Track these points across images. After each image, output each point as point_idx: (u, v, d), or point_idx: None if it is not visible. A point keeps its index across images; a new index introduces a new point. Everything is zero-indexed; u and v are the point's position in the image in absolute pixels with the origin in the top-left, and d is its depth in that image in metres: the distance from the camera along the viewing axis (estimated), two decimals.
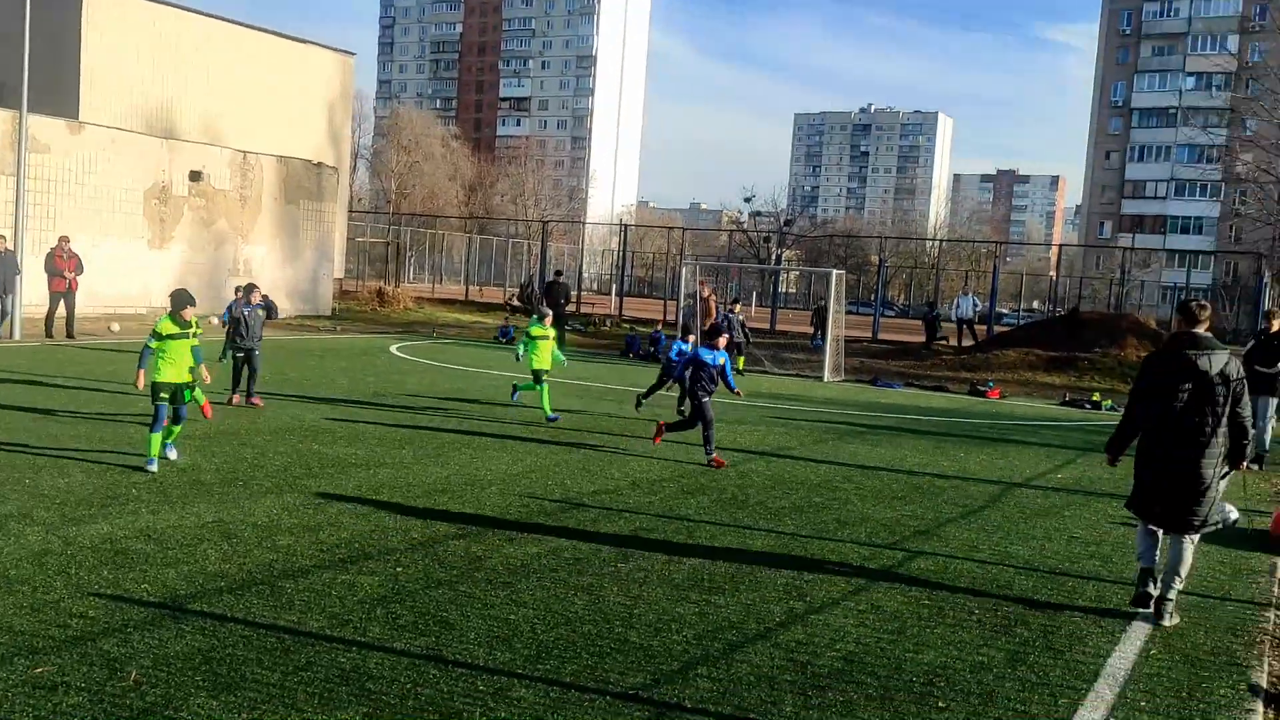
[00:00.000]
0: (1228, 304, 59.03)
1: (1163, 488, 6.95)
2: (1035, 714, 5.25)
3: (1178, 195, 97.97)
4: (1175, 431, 6.90)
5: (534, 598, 6.58)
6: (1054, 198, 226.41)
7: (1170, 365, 6.97)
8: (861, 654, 5.96)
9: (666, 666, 5.57)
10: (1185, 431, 6.88)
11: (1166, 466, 6.95)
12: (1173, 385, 6.91)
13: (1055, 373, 27.00)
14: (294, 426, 12.52)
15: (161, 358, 9.65)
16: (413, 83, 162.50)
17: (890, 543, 8.68)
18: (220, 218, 30.66)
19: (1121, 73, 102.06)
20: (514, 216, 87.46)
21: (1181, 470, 6.88)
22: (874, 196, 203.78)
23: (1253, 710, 5.51)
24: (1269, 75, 43.04)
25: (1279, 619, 7.27)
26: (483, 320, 37.32)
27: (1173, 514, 6.94)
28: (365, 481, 9.69)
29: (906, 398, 21.73)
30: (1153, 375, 7.10)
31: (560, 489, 9.94)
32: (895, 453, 13.69)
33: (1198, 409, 6.85)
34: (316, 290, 34.27)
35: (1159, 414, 6.97)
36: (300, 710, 4.75)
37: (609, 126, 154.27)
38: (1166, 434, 6.95)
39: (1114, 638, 6.52)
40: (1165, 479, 6.94)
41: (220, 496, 8.73)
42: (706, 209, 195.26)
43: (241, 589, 6.40)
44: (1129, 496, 7.27)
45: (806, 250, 79.68)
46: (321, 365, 19.85)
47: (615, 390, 19.01)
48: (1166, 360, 7.03)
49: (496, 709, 4.89)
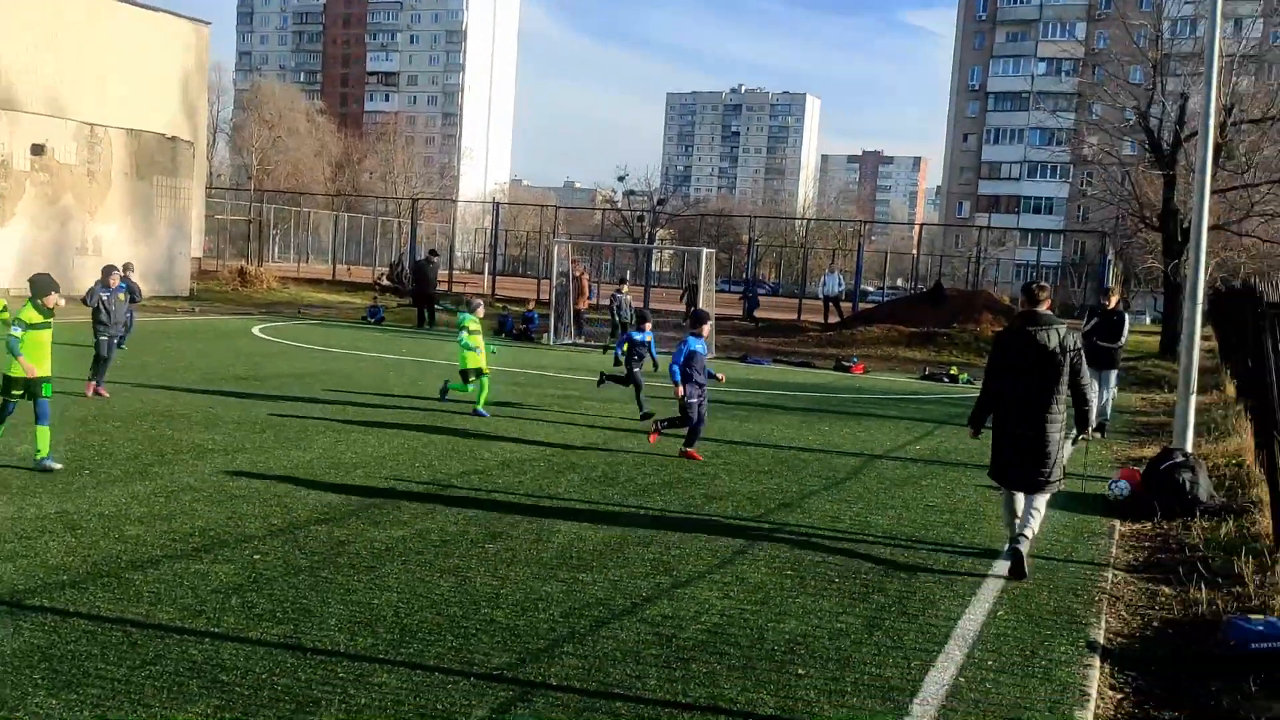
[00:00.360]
0: (1075, 281, 62.05)
1: (1015, 454, 7.54)
2: (889, 676, 5.44)
3: (1030, 176, 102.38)
4: (1023, 402, 7.49)
5: (399, 581, 6.47)
6: (916, 178, 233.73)
7: (1016, 342, 7.59)
8: (725, 625, 6.06)
9: (532, 645, 5.56)
10: (1031, 401, 7.46)
11: (1016, 434, 7.52)
12: (1018, 359, 7.53)
13: (916, 348, 27.96)
14: (146, 412, 11.99)
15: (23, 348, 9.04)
16: (274, 54, 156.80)
17: (756, 516, 8.85)
18: (66, 194, 29.07)
19: (978, 57, 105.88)
20: (383, 194, 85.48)
21: (1029, 436, 7.46)
22: (745, 176, 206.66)
23: (1090, 665, 5.82)
24: (1112, 61, 45.36)
25: (1117, 578, 7.70)
26: (351, 300, 36.43)
27: (1025, 477, 7.54)
28: (222, 468, 9.35)
29: (775, 374, 22.17)
30: (1002, 351, 7.74)
31: (428, 471, 9.79)
32: (762, 428, 13.96)
33: (1041, 380, 7.44)
34: (173, 270, 32.86)
35: (1009, 386, 7.57)
36: (147, 706, 4.56)
37: (480, 103, 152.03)
38: (1015, 404, 7.54)
39: (964, 600, 6.80)
40: (1017, 445, 7.52)
41: (64, 486, 8.30)
42: (581, 187, 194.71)
43: (85, 582, 6.10)
44: (989, 467, 7.84)
45: (680, 229, 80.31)
46: (178, 348, 19.07)
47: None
48: (1013, 337, 7.67)
49: (356, 696, 4.79)
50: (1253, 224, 29.85)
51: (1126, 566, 8.06)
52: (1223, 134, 27.30)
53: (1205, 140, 11.62)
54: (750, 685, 5.22)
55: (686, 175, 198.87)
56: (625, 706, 4.87)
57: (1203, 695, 5.48)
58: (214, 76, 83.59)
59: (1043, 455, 7.44)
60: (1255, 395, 8.32)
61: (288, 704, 4.66)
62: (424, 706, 4.72)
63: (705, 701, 4.99)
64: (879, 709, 5.03)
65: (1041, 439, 7.42)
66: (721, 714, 4.86)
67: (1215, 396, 19.52)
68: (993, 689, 5.35)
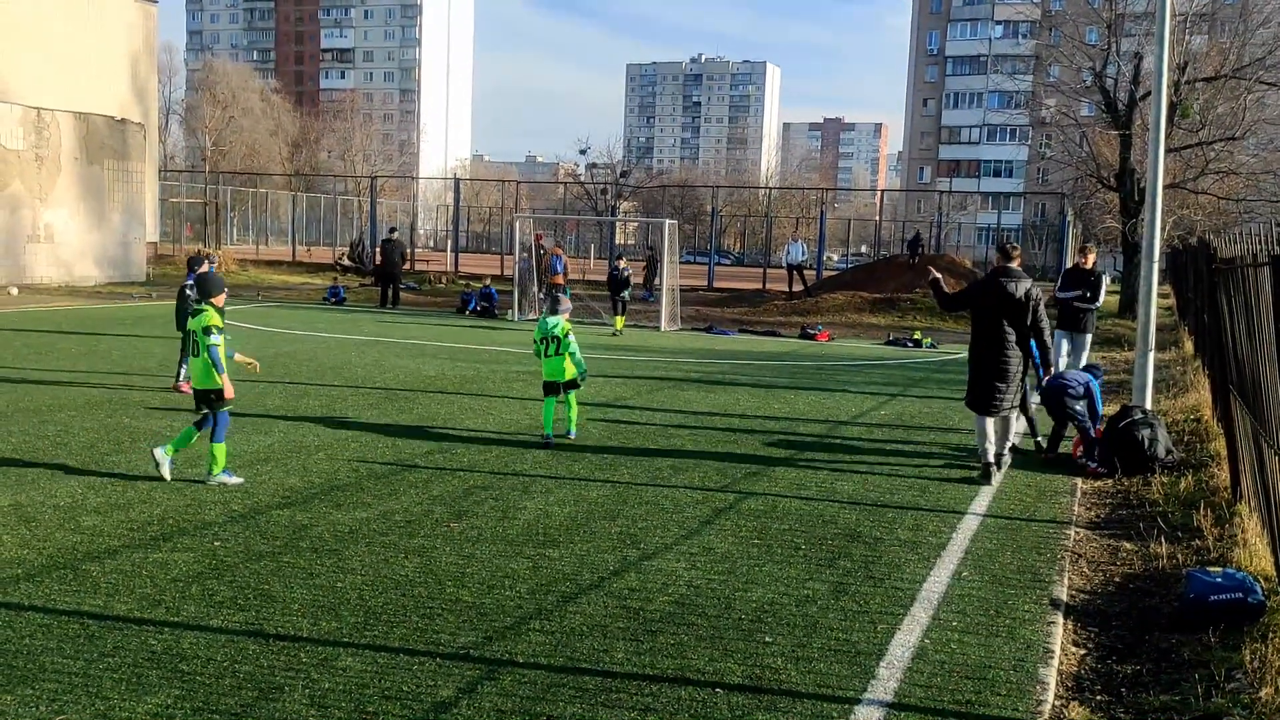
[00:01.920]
0: (1036, 242, 62.55)
1: (983, 382, 9.34)
2: (856, 641, 5.46)
3: (989, 140, 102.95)
4: (990, 339, 9.36)
5: (363, 563, 6.41)
6: (878, 145, 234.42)
7: (989, 289, 9.42)
8: (693, 596, 6.06)
9: (499, 623, 5.53)
10: (996, 338, 9.32)
11: (983, 365, 9.37)
12: (989, 303, 9.35)
13: (880, 314, 28.10)
14: (101, 401, 11.79)
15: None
16: (226, 33, 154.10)
17: (722, 486, 8.85)
18: (14, 180, 28.47)
19: (936, 22, 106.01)
20: (342, 173, 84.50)
21: (994, 366, 9.30)
22: (707, 146, 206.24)
23: (1054, 622, 5.88)
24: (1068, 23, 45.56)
25: (1079, 536, 7.79)
26: (311, 281, 36.05)
27: (989, 401, 9.32)
28: (183, 455, 9.19)
29: (740, 344, 22.19)
30: (973, 294, 9.75)
31: (391, 451, 9.71)
32: (729, 398, 13.97)
33: (1007, 322, 9.25)
34: (128, 255, 32.34)
35: (980, 327, 9.47)
36: (106, 698, 4.49)
37: (438, 78, 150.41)
38: (983, 341, 9.44)
39: (929, 563, 6.84)
40: (985, 375, 9.34)
41: (18, 478, 8.14)
42: (542, 161, 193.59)
43: (40, 575, 5.99)
44: (965, 396, 9.64)
45: (643, 201, 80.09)
46: (134, 335, 18.76)
47: (450, 348, 18.71)
48: (986, 284, 9.55)
49: (320, 680, 4.74)
50: (1208, 181, 30.18)
51: (1088, 524, 8.15)
52: (1176, 92, 27.51)
53: (1159, 99, 11.68)
54: (718, 655, 5.22)
55: (649, 147, 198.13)
56: (593, 681, 4.86)
57: (1164, 648, 5.55)
58: (164, 57, 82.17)
59: (1004, 383, 9.27)
60: (1211, 351, 8.44)
61: (250, 691, 4.61)
62: (389, 689, 4.68)
63: (673, 673, 4.98)
64: (846, 673, 5.05)
65: (1004, 369, 9.26)
66: (690, 685, 4.86)
67: (1173, 354, 19.78)
68: (958, 650, 5.39)
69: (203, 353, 8.18)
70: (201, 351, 8.19)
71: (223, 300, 8.58)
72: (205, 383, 8.24)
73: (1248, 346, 7.26)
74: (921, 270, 31.69)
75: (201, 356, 8.18)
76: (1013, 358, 9.29)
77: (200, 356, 8.19)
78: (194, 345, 8.28)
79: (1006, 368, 9.25)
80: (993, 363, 9.27)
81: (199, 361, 8.21)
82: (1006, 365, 9.25)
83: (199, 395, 8.34)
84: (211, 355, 8.13)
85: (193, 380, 8.44)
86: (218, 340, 8.16)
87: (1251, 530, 7.07)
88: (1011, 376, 9.30)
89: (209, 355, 8.14)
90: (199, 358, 8.20)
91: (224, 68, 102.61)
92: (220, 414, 8.24)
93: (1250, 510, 7.49)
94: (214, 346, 8.13)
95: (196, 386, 8.36)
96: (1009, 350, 9.26)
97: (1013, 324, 9.22)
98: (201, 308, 8.33)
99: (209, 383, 8.21)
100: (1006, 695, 4.88)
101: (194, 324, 8.29)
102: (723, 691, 4.80)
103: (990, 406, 9.31)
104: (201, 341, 8.17)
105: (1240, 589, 5.74)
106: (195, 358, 8.26)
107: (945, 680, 5.02)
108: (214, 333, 8.16)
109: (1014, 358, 9.31)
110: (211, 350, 8.13)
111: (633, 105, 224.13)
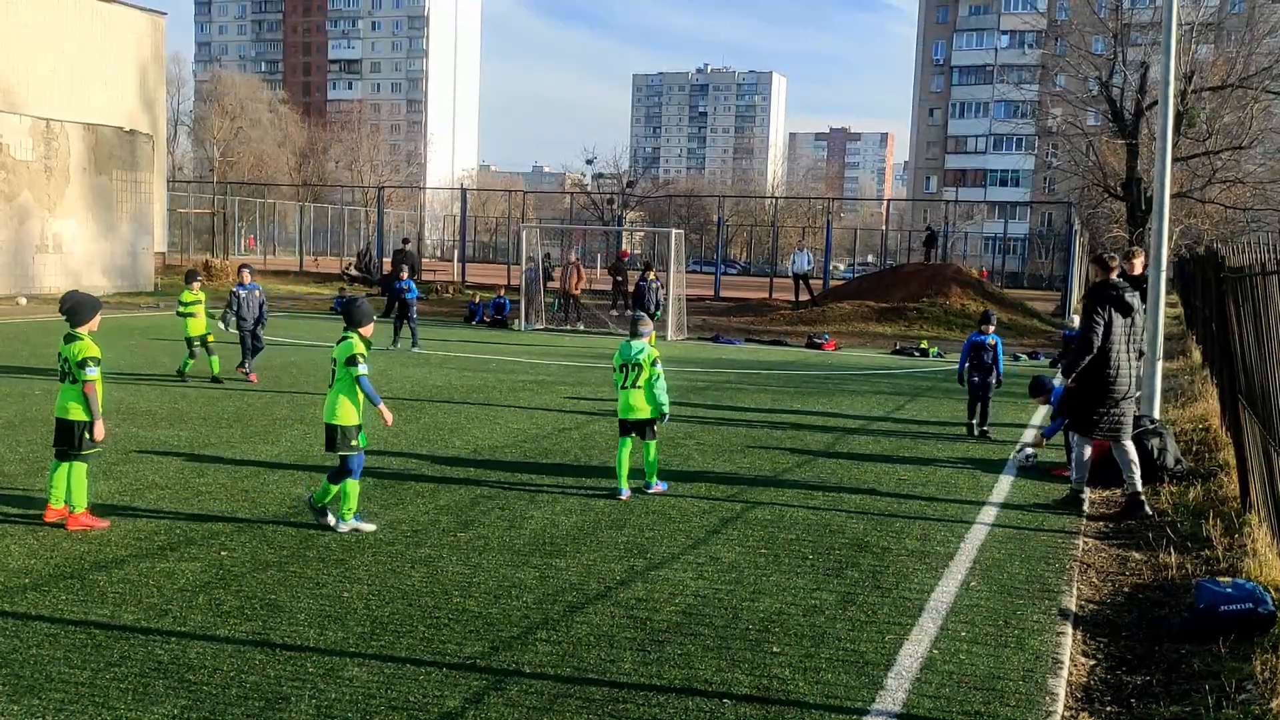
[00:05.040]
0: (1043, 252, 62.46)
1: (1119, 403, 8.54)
2: (864, 651, 5.44)
3: (996, 150, 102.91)
4: (1123, 357, 8.55)
5: (369, 573, 6.40)
6: (884, 154, 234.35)
7: (1119, 305, 8.54)
8: (700, 606, 6.04)
9: (505, 633, 5.51)
10: (1126, 355, 8.57)
11: (1119, 384, 8.52)
12: (1120, 322, 8.56)
13: (886, 323, 28.06)
14: (110, 410, 11.76)
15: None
16: (234, 44, 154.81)
17: (729, 495, 8.83)
18: (24, 190, 28.58)
19: (941, 31, 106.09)
20: (349, 183, 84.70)
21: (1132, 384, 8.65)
22: (714, 156, 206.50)
23: (1063, 633, 5.85)
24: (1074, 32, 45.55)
25: (1087, 545, 7.75)
26: (318, 291, 36.13)
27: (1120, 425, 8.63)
28: (188, 464, 9.23)
29: (747, 353, 22.17)
30: (1108, 324, 8.53)
31: (398, 461, 9.71)
32: (735, 408, 13.95)
33: (1132, 334, 8.66)
34: (136, 265, 32.45)
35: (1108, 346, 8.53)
36: (112, 708, 4.48)
37: (445, 88, 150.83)
38: (1114, 359, 8.50)
39: (937, 573, 6.81)
40: (1123, 396, 8.54)
41: (25, 488, 8.16)
42: (549, 171, 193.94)
43: (48, 585, 5.99)
44: (1072, 419, 8.91)
45: (649, 211, 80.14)
46: (143, 344, 18.81)
47: (457, 358, 18.72)
48: (1116, 304, 8.53)
49: (327, 690, 4.73)
50: (1214, 190, 30.13)
51: (1097, 534, 8.12)
52: (1183, 102, 27.48)
53: (1166, 108, 11.66)
54: (725, 665, 5.20)
55: (655, 156, 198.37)
56: (600, 691, 4.84)
57: (1174, 659, 5.52)
58: (172, 68, 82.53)
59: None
60: (1220, 360, 8.41)
61: (256, 701, 4.60)
62: (395, 699, 4.67)
63: (681, 683, 4.96)
64: (854, 683, 5.02)
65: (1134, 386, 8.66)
66: (697, 695, 4.84)
67: (1182, 363, 19.72)
68: (966, 660, 5.36)
69: (339, 384, 7.31)
70: (338, 382, 7.32)
71: (371, 330, 7.60)
72: (341, 418, 7.26)
73: (1257, 355, 7.23)
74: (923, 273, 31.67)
75: (335, 389, 7.35)
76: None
77: (335, 388, 7.35)
78: (332, 374, 7.43)
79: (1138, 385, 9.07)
80: (1130, 380, 8.66)
81: (334, 394, 7.35)
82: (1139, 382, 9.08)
83: (330, 431, 7.33)
84: (364, 386, 7.26)
85: (327, 414, 7.35)
86: (366, 370, 7.31)
87: (1261, 540, 7.04)
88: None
89: (361, 386, 7.26)
90: (334, 389, 7.36)
91: (232, 79, 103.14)
92: (354, 456, 7.31)
93: (1260, 520, 7.45)
94: (364, 377, 7.26)
95: (330, 420, 7.30)
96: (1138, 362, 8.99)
97: (1136, 334, 8.84)
98: (346, 335, 7.42)
99: (345, 418, 7.26)
100: (1016, 706, 4.85)
101: (338, 352, 7.38)
102: (730, 702, 4.78)
103: (1124, 429, 8.68)
104: (347, 372, 7.26)
105: (1251, 599, 5.70)
106: (331, 389, 7.40)
107: (954, 691, 4.99)
108: (361, 362, 7.29)
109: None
110: (363, 381, 7.26)
111: (639, 115, 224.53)
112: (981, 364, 12.14)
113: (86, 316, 7.36)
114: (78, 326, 7.29)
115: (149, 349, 18.19)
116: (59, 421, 7.26)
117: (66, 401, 7.22)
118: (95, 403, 7.18)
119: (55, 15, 35.55)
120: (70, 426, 7.21)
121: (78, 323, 7.30)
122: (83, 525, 7.11)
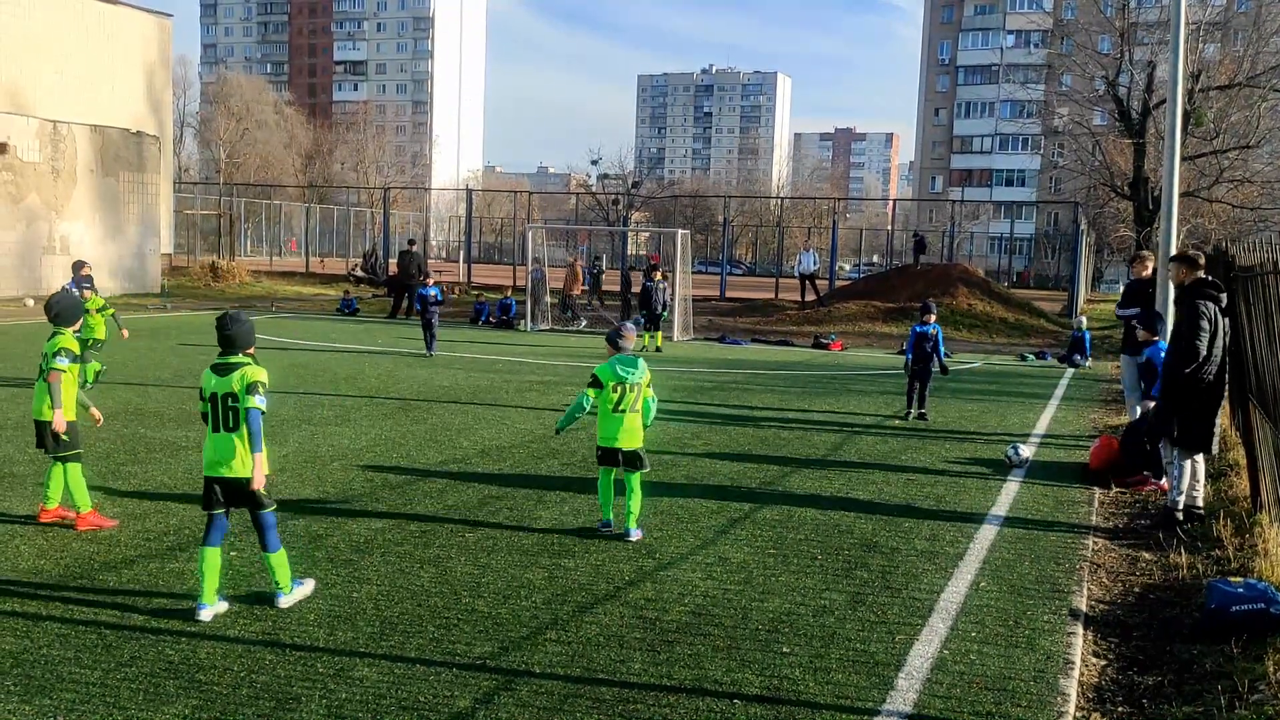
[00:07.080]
0: (1049, 252, 62.33)
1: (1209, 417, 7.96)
2: (874, 651, 5.42)
3: (1001, 149, 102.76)
4: (1221, 365, 7.98)
5: (378, 573, 6.40)
6: (889, 154, 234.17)
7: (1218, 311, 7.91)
8: (709, 606, 6.03)
9: (515, 633, 5.50)
10: (1222, 363, 8.00)
11: (1215, 397, 7.97)
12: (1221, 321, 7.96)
13: (893, 323, 28.02)
14: (118, 411, 11.83)
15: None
16: (240, 46, 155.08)
17: (737, 495, 8.81)
18: (31, 192, 28.66)
19: (947, 31, 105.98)
20: (355, 184, 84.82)
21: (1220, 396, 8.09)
22: (719, 157, 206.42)
23: (1073, 633, 5.82)
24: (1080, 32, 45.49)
25: (1098, 545, 7.73)
26: (324, 293, 36.17)
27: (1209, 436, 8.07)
28: (196, 464, 9.19)
29: (753, 354, 22.15)
30: (1213, 331, 7.87)
31: (406, 461, 9.71)
32: (743, 408, 13.93)
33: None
34: (143, 267, 32.52)
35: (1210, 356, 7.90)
36: (124, 708, 4.48)
37: (450, 90, 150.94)
38: (1213, 368, 7.93)
39: (947, 573, 6.79)
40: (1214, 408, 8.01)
41: (35, 488, 8.17)
42: (555, 172, 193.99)
43: (58, 585, 6.00)
44: (1187, 439, 8.00)
45: (655, 211, 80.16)
46: (150, 345, 18.85)
47: (463, 359, 18.73)
48: (1214, 299, 7.92)
49: (337, 691, 4.73)
50: (1222, 189, 30.06)
51: (1107, 533, 8.09)
52: (1191, 101, 27.41)
53: (1173, 107, 11.64)
54: (735, 665, 5.19)
55: (660, 157, 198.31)
56: (610, 691, 4.83)
57: (1185, 659, 5.50)
58: (178, 70, 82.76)
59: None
60: (1230, 360, 8.35)
61: (267, 701, 4.60)
62: (405, 699, 4.67)
63: (690, 683, 4.95)
64: (864, 684, 5.01)
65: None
66: (707, 695, 4.83)
67: None
68: (977, 660, 5.34)
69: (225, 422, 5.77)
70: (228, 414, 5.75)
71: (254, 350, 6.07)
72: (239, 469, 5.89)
73: (1267, 354, 7.20)
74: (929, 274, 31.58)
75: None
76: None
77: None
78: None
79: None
80: (1221, 392, 8.16)
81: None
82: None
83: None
84: (251, 423, 5.68)
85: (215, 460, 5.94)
86: (264, 405, 5.73)
87: (1272, 540, 7.01)
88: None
89: (249, 422, 5.68)
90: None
91: (238, 80, 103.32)
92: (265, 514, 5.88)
93: (1271, 519, 7.42)
94: (258, 412, 5.68)
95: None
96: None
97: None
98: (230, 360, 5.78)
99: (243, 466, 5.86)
100: (1027, 706, 4.83)
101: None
102: (740, 702, 4.77)
103: (1211, 442, 8.21)
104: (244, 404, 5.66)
105: (1262, 599, 5.68)
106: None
107: (965, 691, 4.97)
108: (259, 393, 5.71)
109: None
110: (253, 416, 5.67)
111: (644, 116, 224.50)
112: (922, 353, 13.09)
113: (72, 319, 7.32)
114: (63, 328, 7.25)
115: (156, 350, 18.23)
116: (36, 424, 7.22)
117: (40, 402, 7.14)
118: (58, 392, 6.99)
119: (62, 18, 35.64)
120: (44, 426, 7.11)
121: (63, 325, 7.26)
122: (91, 525, 7.11)
